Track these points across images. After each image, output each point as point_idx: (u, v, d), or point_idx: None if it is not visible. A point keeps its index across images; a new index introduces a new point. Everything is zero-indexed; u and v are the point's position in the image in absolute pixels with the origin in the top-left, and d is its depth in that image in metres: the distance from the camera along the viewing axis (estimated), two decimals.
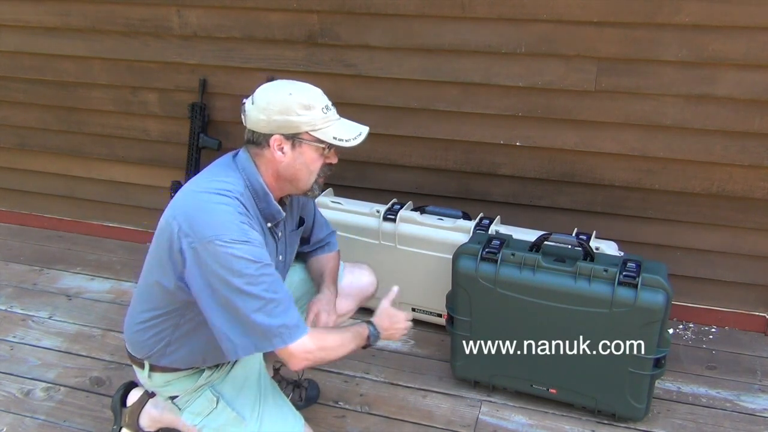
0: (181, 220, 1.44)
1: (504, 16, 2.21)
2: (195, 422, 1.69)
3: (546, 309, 1.93)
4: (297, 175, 1.56)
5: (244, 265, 1.40)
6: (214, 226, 1.41)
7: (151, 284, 1.57)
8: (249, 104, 1.54)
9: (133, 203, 3.09)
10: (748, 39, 2.04)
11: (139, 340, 1.65)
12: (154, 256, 1.55)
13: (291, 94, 1.50)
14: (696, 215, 2.34)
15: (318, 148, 1.54)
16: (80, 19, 2.71)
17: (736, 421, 2.05)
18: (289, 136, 1.51)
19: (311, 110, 1.51)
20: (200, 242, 1.40)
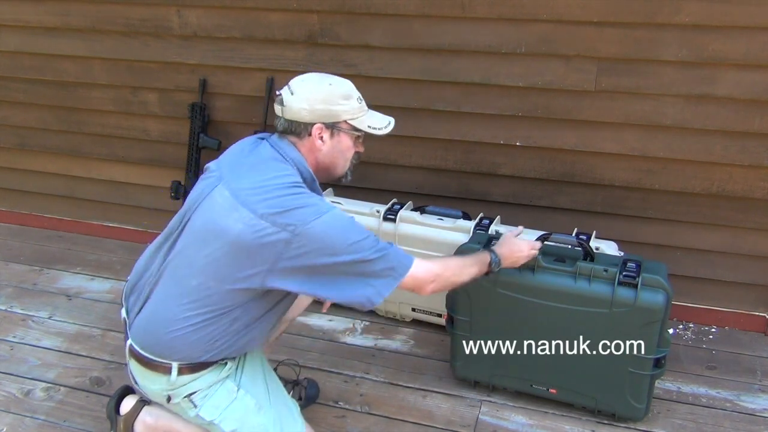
0: (275, 215, 1.46)
1: (504, 16, 2.21)
2: (213, 416, 1.65)
3: (546, 309, 1.93)
4: (334, 162, 1.64)
5: (347, 223, 1.51)
6: (310, 208, 1.48)
7: (213, 289, 1.52)
8: (288, 95, 1.58)
9: (133, 203, 3.09)
10: (748, 39, 2.04)
11: (184, 343, 1.57)
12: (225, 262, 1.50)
13: (331, 85, 1.59)
14: (696, 215, 2.34)
15: (353, 136, 1.64)
16: (80, 19, 2.71)
17: (736, 421, 2.05)
18: (329, 124, 1.59)
19: (349, 100, 1.61)
20: (309, 222, 1.46)
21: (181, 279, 1.57)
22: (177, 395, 1.64)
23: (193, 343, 1.57)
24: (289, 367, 2.14)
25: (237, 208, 1.48)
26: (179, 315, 1.55)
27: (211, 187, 1.58)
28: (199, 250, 1.54)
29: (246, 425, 1.67)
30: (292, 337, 2.40)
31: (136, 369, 1.65)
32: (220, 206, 1.52)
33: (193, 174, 2.74)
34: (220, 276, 1.51)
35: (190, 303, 1.55)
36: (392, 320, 2.55)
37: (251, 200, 1.49)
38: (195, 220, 1.58)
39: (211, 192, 1.57)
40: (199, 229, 1.56)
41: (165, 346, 1.58)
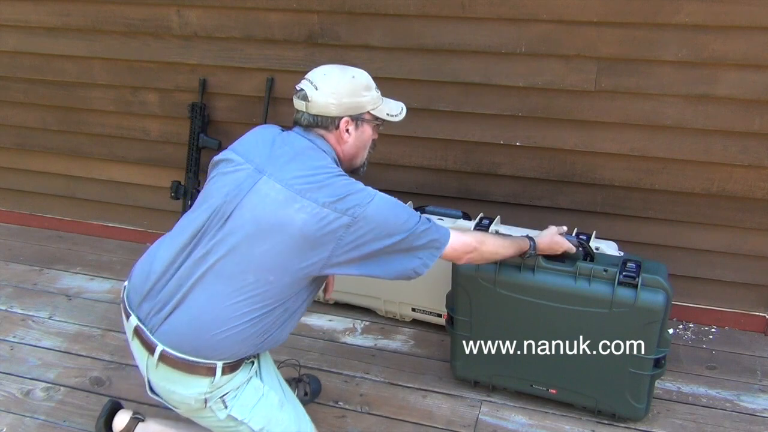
0: (335, 202, 1.49)
1: (504, 16, 2.21)
2: (244, 415, 1.61)
3: (546, 309, 1.93)
4: (357, 153, 1.69)
5: (396, 203, 1.57)
6: (363, 192, 1.53)
7: (272, 282, 1.51)
8: (311, 90, 1.60)
9: (133, 203, 3.09)
10: (747, 39, 2.04)
11: (232, 342, 1.52)
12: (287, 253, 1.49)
13: (354, 77, 1.63)
14: (696, 215, 2.34)
15: (374, 125, 1.70)
16: (80, 19, 2.71)
17: (736, 421, 2.05)
18: (354, 117, 1.63)
19: (370, 90, 1.66)
20: (365, 205, 1.50)
21: (234, 276, 1.50)
22: (214, 397, 1.57)
23: (247, 338, 1.53)
24: (290, 367, 2.14)
25: (296, 200, 1.48)
26: (234, 313, 1.50)
27: (253, 180, 1.53)
28: (255, 246, 1.49)
29: (272, 422, 1.65)
30: (293, 338, 2.40)
31: (167, 376, 1.56)
32: (274, 199, 1.49)
33: (193, 174, 2.74)
34: (281, 269, 1.50)
35: (246, 299, 1.50)
36: (392, 320, 2.55)
37: (309, 190, 1.50)
38: (243, 215, 1.51)
39: (254, 185, 1.52)
40: (252, 224, 1.50)
41: (212, 346, 1.52)
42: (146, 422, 1.85)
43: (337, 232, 1.49)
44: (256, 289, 1.51)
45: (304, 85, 1.61)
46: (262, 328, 1.55)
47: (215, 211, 1.54)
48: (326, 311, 2.61)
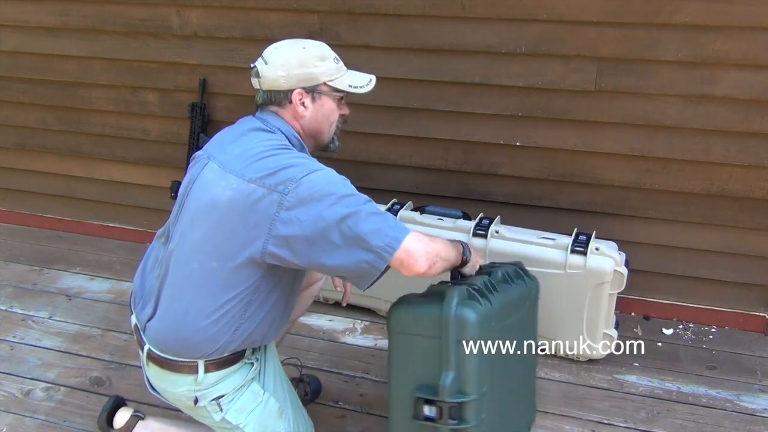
0: (264, 177, 1.41)
1: (504, 16, 2.22)
2: (239, 420, 1.60)
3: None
4: (319, 128, 1.61)
5: (339, 180, 1.44)
6: (298, 167, 1.43)
7: (216, 270, 1.46)
8: (262, 65, 1.56)
9: (133, 203, 3.09)
10: (747, 39, 2.04)
11: (204, 338, 1.50)
12: (221, 235, 1.45)
13: (305, 48, 1.56)
14: (696, 215, 2.34)
15: (335, 98, 1.61)
16: (80, 19, 2.71)
17: (736, 421, 2.05)
18: (309, 89, 1.57)
19: (325, 61, 1.58)
20: (292, 183, 1.40)
21: (183, 266, 1.51)
22: (205, 397, 1.57)
23: (216, 334, 1.50)
24: (290, 367, 2.14)
25: (224, 176, 1.45)
26: (192, 306, 1.49)
27: (201, 166, 1.55)
28: (193, 230, 1.49)
29: (268, 430, 1.64)
30: (292, 338, 2.40)
31: (157, 374, 1.59)
32: (209, 180, 1.48)
33: None
34: (221, 253, 1.45)
35: (198, 289, 1.48)
36: None
37: (238, 167, 1.45)
38: (189, 204, 1.54)
39: (201, 171, 1.53)
40: (192, 210, 1.51)
41: (186, 344, 1.52)
42: (146, 420, 1.85)
43: (268, 210, 1.39)
44: (204, 278, 1.47)
45: (257, 61, 1.58)
46: (229, 322, 1.50)
47: (177, 207, 1.59)
48: (326, 311, 2.61)
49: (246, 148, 1.50)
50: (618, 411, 2.09)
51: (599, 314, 2.18)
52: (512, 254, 2.20)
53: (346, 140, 2.56)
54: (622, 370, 2.26)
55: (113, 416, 1.87)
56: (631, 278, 2.17)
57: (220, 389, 1.57)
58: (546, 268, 2.17)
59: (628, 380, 2.22)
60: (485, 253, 2.22)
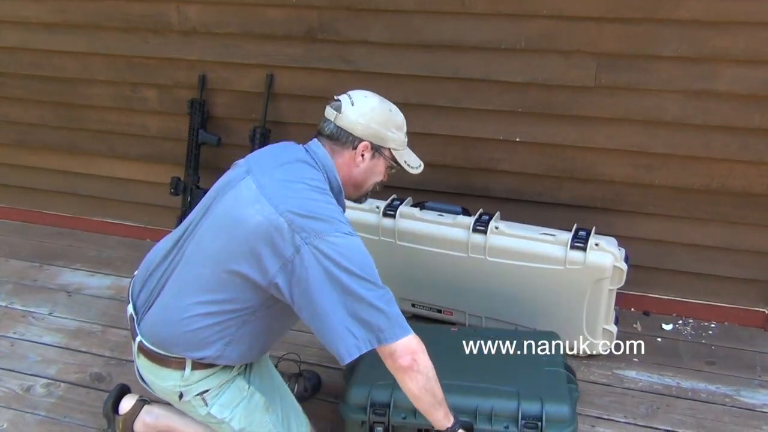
0: (290, 216, 1.42)
1: (504, 11, 2.21)
2: (224, 415, 1.63)
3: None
4: (364, 182, 1.66)
5: (364, 257, 1.44)
6: (328, 221, 1.44)
7: (227, 275, 1.47)
8: (347, 104, 1.60)
9: (133, 199, 3.09)
10: (748, 34, 2.04)
11: (195, 341, 1.53)
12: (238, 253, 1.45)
13: (391, 111, 1.64)
14: (696, 211, 2.34)
15: (387, 165, 1.67)
16: (79, 15, 2.71)
17: (736, 416, 2.05)
18: (375, 146, 1.62)
19: (400, 132, 1.66)
20: (318, 236, 1.41)
21: (195, 267, 1.53)
22: (189, 392, 1.60)
23: (205, 342, 1.53)
24: (290, 362, 2.14)
25: (259, 200, 1.46)
26: (191, 304, 1.51)
27: (239, 179, 1.55)
28: (215, 238, 1.51)
29: (254, 423, 1.66)
30: (292, 333, 2.39)
31: (146, 367, 1.62)
32: (245, 197, 1.49)
33: (192, 170, 2.74)
34: (231, 267, 1.46)
35: (202, 293, 1.50)
36: None
37: (275, 195, 1.46)
38: (217, 208, 1.55)
39: (237, 184, 1.54)
40: (218, 217, 1.53)
41: (177, 341, 1.54)
42: (151, 405, 1.87)
43: (286, 251, 1.40)
44: (210, 284, 1.50)
45: (343, 98, 1.61)
46: (221, 335, 1.53)
47: (204, 206, 1.60)
48: None
49: (288, 178, 1.52)
50: (618, 406, 2.10)
51: (599, 310, 2.18)
52: (512, 250, 2.20)
53: None
54: (621, 366, 2.26)
55: (118, 403, 1.90)
56: (630, 274, 2.17)
57: (204, 385, 1.60)
58: (546, 264, 2.17)
59: (627, 376, 2.22)
60: (485, 249, 2.23)
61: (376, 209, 2.37)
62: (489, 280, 2.26)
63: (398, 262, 2.35)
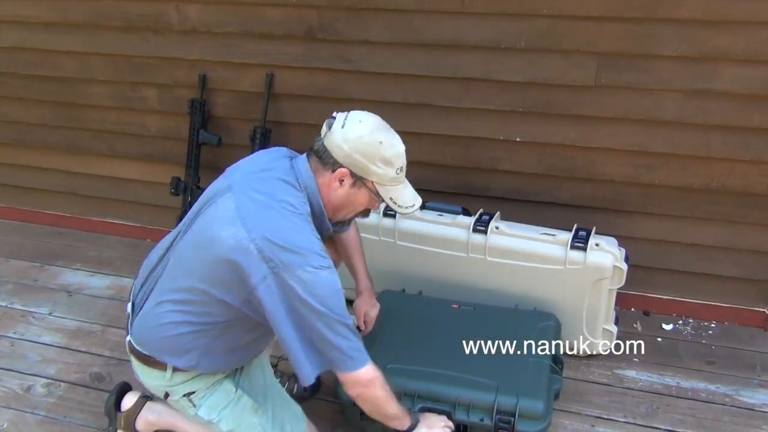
0: (262, 243, 1.42)
1: (504, 11, 2.21)
2: (212, 416, 1.67)
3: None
4: (342, 207, 1.60)
5: (328, 292, 1.45)
6: (299, 253, 1.43)
7: (201, 292, 1.51)
8: (338, 125, 1.52)
9: (133, 199, 3.09)
10: (748, 34, 2.03)
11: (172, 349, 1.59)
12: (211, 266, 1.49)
13: (381, 143, 1.51)
14: (696, 211, 2.34)
15: (372, 197, 1.58)
16: (79, 15, 2.71)
17: (736, 416, 2.05)
18: (356, 176, 1.54)
19: (388, 167, 1.53)
20: (286, 268, 1.41)
21: (173, 278, 1.58)
22: (175, 393, 1.65)
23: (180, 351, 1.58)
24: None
25: (234, 222, 1.46)
26: (168, 311, 1.57)
27: (220, 194, 1.55)
28: (191, 254, 1.54)
29: (243, 425, 1.69)
30: None
31: (136, 365, 1.67)
32: (221, 216, 1.49)
33: (193, 170, 2.74)
34: (205, 283, 1.50)
35: (179, 303, 1.55)
36: None
37: (249, 217, 1.45)
38: (198, 223, 1.57)
39: (217, 201, 1.54)
40: (196, 233, 1.55)
41: (156, 345, 1.60)
42: (154, 402, 1.89)
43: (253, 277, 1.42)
44: (188, 298, 1.54)
45: (339, 116, 1.55)
46: (195, 344, 1.57)
47: (193, 212, 1.61)
48: None
49: (267, 199, 1.49)
50: (617, 406, 2.10)
51: (599, 310, 2.18)
52: (512, 250, 2.20)
53: None
54: (621, 366, 2.26)
55: (120, 400, 1.92)
56: (630, 274, 2.17)
57: (189, 386, 1.65)
58: (546, 264, 2.17)
59: (627, 375, 2.22)
60: (485, 249, 2.23)
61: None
62: (489, 280, 2.26)
63: (398, 262, 2.35)
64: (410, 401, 1.83)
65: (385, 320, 2.07)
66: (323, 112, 2.54)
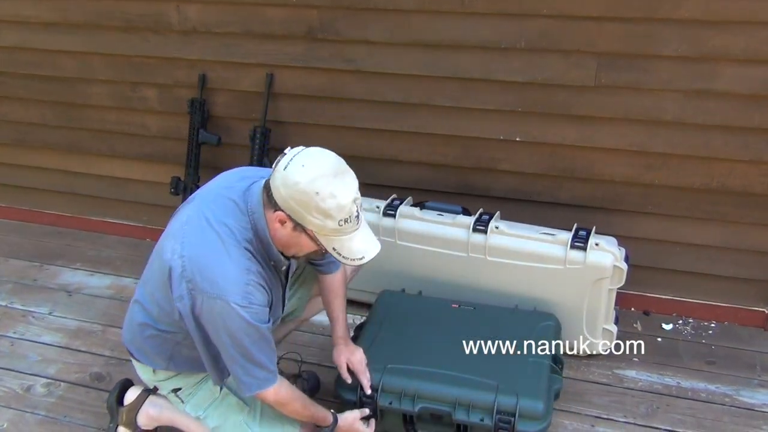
0: (187, 263, 1.47)
1: (503, 11, 2.21)
2: (198, 413, 1.73)
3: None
4: (289, 247, 1.55)
5: (240, 328, 1.47)
6: (220, 284, 1.45)
7: (151, 295, 1.62)
8: (282, 165, 1.43)
9: (133, 199, 3.09)
10: (747, 34, 2.03)
11: (143, 346, 1.70)
12: (155, 274, 1.59)
13: (318, 194, 1.40)
14: (696, 211, 2.34)
15: (316, 244, 1.50)
16: (79, 15, 2.71)
17: (735, 416, 2.05)
18: (295, 221, 1.46)
19: (327, 219, 1.43)
20: (202, 293, 1.46)
21: (145, 280, 1.66)
22: (162, 388, 1.76)
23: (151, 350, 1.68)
24: (291, 362, 2.14)
25: (176, 237, 1.52)
26: (138, 313, 1.66)
27: (187, 203, 1.63)
28: (154, 260, 1.63)
29: (229, 422, 1.73)
30: (293, 333, 2.40)
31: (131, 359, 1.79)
32: (173, 227, 1.57)
33: (192, 170, 2.74)
34: (157, 290, 1.58)
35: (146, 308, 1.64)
36: None
37: (188, 235, 1.51)
38: (167, 228, 1.64)
39: (182, 208, 1.63)
40: (161, 240, 1.62)
41: (135, 344, 1.71)
42: (155, 396, 1.91)
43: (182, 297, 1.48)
44: (150, 305, 1.62)
45: (288, 153, 1.46)
46: (160, 349, 1.67)
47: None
48: None
49: (209, 221, 1.50)
50: (617, 406, 2.10)
51: (599, 310, 2.18)
52: (512, 250, 2.20)
53: (346, 136, 2.58)
54: (621, 365, 2.27)
55: (123, 396, 1.95)
56: (630, 273, 2.17)
57: (174, 383, 1.74)
58: (546, 264, 2.17)
59: (627, 375, 2.23)
60: (485, 249, 2.23)
61: (376, 209, 2.37)
62: (489, 280, 2.26)
63: (398, 262, 2.35)
64: (410, 401, 1.83)
65: (384, 320, 2.08)
66: (323, 112, 2.57)
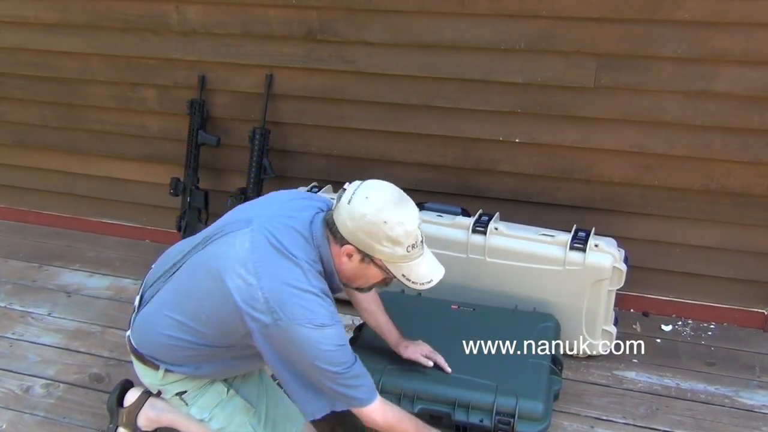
0: (268, 293, 1.42)
1: (503, 12, 2.21)
2: (203, 416, 1.71)
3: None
4: (355, 279, 1.57)
5: (330, 348, 1.44)
6: (304, 309, 1.43)
7: (206, 318, 1.52)
8: (345, 200, 1.46)
9: (132, 200, 3.09)
10: (747, 35, 2.04)
11: (165, 351, 1.62)
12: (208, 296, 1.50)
13: (386, 223, 1.43)
14: (695, 212, 2.34)
15: (384, 273, 1.53)
16: (79, 15, 2.71)
17: (735, 417, 2.05)
18: (363, 253, 1.48)
19: (396, 246, 1.45)
20: (290, 322, 1.41)
21: (181, 293, 1.59)
22: (167, 391, 1.71)
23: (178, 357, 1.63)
24: None
25: (245, 265, 1.44)
26: (170, 323, 1.58)
27: (242, 225, 1.53)
28: (203, 278, 1.53)
29: (233, 424, 1.71)
30: None
31: (133, 360, 1.72)
32: (234, 253, 1.48)
33: (192, 171, 2.74)
34: (209, 313, 1.51)
35: (182, 318, 1.56)
36: None
37: (262, 262, 1.45)
38: (214, 246, 1.55)
39: (236, 231, 1.52)
40: (211, 258, 1.53)
41: (154, 348, 1.64)
42: (155, 398, 1.90)
43: (255, 322, 1.43)
44: (192, 317, 1.54)
45: (349, 188, 1.49)
46: (193, 357, 1.61)
47: (217, 227, 1.61)
48: None
49: (281, 250, 1.47)
50: (617, 407, 2.10)
51: (598, 311, 2.18)
52: (511, 251, 2.20)
53: (345, 137, 2.58)
54: (621, 367, 2.26)
55: (123, 397, 1.94)
56: (630, 275, 2.17)
57: (181, 386, 1.69)
58: (545, 265, 2.17)
59: (627, 376, 2.23)
60: (484, 250, 2.23)
61: None
62: (488, 281, 2.26)
63: None
64: (410, 402, 1.83)
65: None
66: (323, 113, 2.58)
